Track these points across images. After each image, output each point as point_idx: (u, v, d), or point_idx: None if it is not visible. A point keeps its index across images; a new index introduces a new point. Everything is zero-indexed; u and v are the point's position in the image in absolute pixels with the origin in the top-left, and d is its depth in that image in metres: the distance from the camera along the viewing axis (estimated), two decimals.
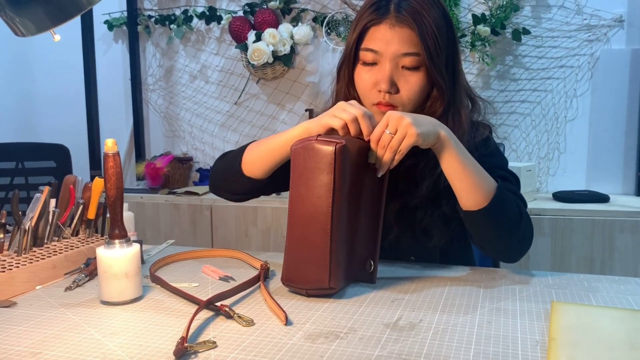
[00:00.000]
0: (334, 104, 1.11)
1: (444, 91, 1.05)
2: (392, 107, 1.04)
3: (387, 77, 1.02)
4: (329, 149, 0.88)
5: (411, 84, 1.04)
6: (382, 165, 0.94)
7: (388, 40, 1.02)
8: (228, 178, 1.14)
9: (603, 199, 2.08)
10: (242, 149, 1.13)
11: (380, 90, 1.03)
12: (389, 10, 1.02)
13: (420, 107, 1.07)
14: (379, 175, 0.96)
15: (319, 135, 0.92)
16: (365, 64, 1.06)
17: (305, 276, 0.90)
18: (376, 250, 0.98)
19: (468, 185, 0.97)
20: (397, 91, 1.04)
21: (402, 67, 1.04)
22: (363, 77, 1.06)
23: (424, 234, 1.10)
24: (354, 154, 0.92)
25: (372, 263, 0.97)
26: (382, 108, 1.04)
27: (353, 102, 0.98)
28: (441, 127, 0.97)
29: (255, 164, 1.09)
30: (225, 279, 1.02)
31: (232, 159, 1.14)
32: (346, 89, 1.11)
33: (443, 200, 1.07)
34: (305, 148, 0.90)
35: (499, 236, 1.01)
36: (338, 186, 0.88)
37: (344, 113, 0.95)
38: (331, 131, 0.97)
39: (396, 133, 0.92)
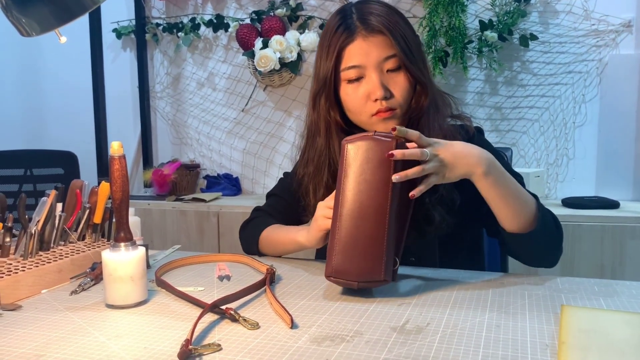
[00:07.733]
0: (309, 134, 1.16)
1: (426, 85, 1.08)
2: (392, 110, 1.07)
3: (379, 84, 1.05)
4: (391, 143, 0.90)
5: (400, 83, 1.07)
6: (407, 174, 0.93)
7: (366, 52, 1.06)
8: (252, 252, 1.24)
9: (613, 205, 2.05)
10: (255, 233, 1.23)
11: (377, 99, 1.06)
12: (355, 26, 1.06)
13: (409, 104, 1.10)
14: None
15: (375, 132, 0.93)
16: (350, 81, 1.08)
17: (358, 268, 0.91)
18: (401, 249, 0.98)
19: (510, 213, 1.00)
20: (392, 95, 1.07)
21: (387, 71, 1.07)
22: (352, 94, 1.08)
23: (426, 221, 1.09)
24: None
25: (397, 260, 0.96)
26: (382, 115, 1.07)
27: (320, 204, 1.03)
28: (480, 164, 0.94)
29: (269, 251, 1.22)
30: (221, 278, 1.04)
31: (250, 239, 1.25)
32: (326, 115, 1.12)
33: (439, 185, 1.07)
34: (365, 144, 0.92)
35: (545, 250, 1.07)
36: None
37: (327, 210, 0.99)
38: (327, 234, 1.00)
39: (429, 162, 0.91)
